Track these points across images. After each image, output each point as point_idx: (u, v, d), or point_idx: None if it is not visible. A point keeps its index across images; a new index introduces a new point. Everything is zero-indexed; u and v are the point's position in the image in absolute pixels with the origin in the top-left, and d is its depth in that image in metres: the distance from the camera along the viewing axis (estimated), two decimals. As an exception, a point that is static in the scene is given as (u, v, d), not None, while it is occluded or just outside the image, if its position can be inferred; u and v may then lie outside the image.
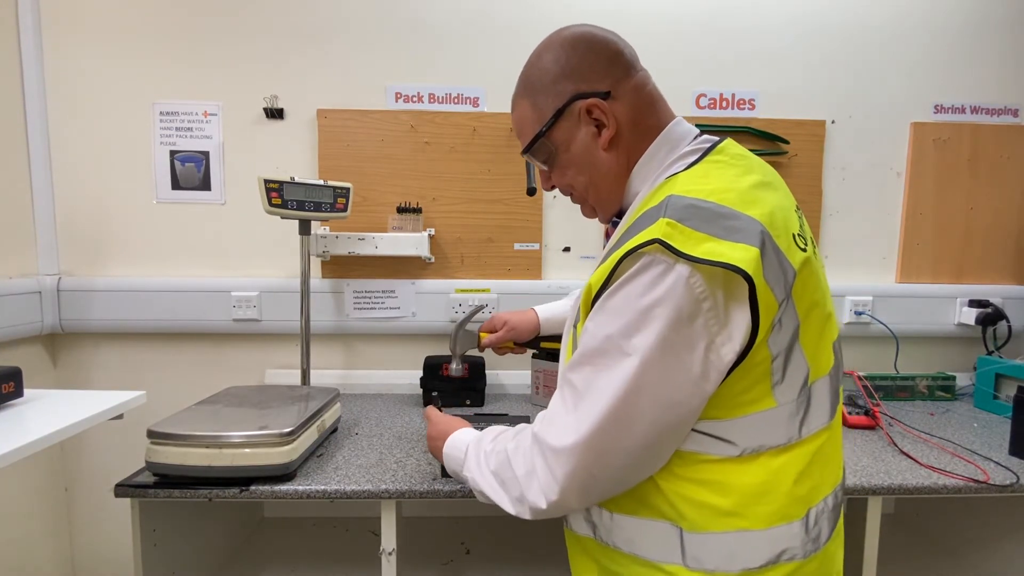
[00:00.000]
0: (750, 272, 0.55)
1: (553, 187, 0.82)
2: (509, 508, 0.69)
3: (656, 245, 0.56)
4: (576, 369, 0.63)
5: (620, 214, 0.77)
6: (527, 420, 1.24)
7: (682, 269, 0.56)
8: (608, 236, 0.80)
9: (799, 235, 0.64)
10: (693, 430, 0.62)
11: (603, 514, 0.69)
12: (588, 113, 0.72)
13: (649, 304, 0.57)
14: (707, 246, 0.56)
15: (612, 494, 0.66)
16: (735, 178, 0.64)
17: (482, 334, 1.19)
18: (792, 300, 0.60)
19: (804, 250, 0.62)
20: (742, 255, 0.55)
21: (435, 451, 0.88)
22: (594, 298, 0.62)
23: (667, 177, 0.68)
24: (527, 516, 0.67)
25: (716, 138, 0.72)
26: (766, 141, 1.56)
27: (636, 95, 0.72)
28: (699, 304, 0.56)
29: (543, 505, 0.64)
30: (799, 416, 0.63)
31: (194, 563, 1.13)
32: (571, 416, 0.62)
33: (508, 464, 0.69)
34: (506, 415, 1.30)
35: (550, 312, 1.21)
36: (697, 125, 1.68)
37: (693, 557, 0.63)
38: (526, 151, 0.77)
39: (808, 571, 0.64)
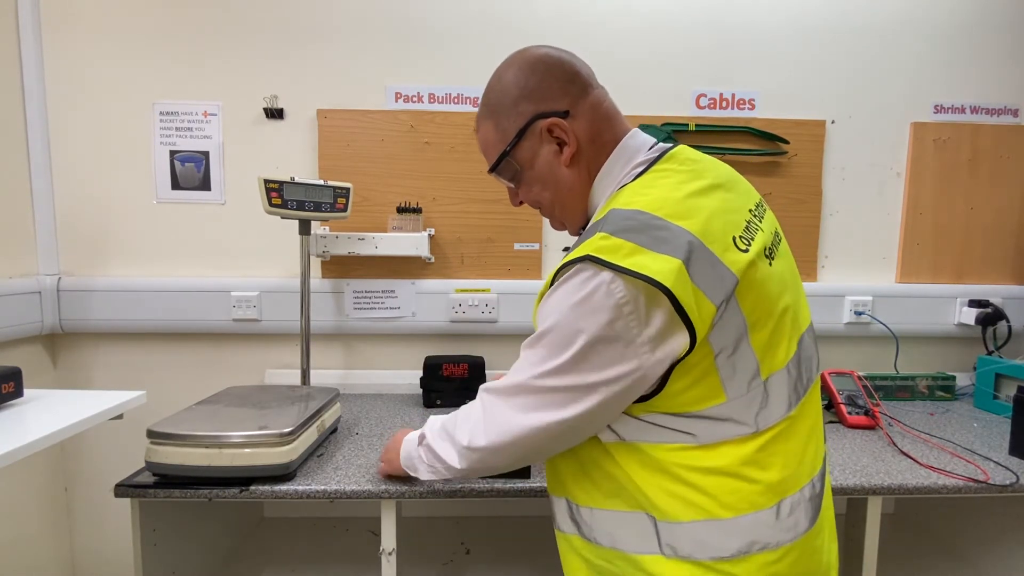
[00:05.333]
0: (668, 285, 0.58)
1: (521, 203, 0.85)
2: (453, 457, 0.74)
3: (586, 260, 0.61)
4: (520, 365, 0.69)
5: (586, 225, 0.80)
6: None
7: (605, 275, 0.60)
8: None
9: (741, 237, 0.65)
10: (653, 424, 0.65)
11: (582, 511, 0.72)
12: (549, 132, 0.74)
13: (575, 303, 0.62)
14: (635, 258, 0.60)
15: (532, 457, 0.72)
16: (676, 186, 0.67)
17: None
18: (736, 301, 0.62)
19: (746, 251, 0.64)
20: (662, 267, 0.59)
21: (390, 461, 0.92)
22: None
23: (617, 189, 0.72)
24: (459, 464, 0.73)
25: (669, 145, 0.75)
26: (766, 141, 1.56)
27: (594, 112, 0.75)
28: (620, 308, 0.60)
29: (464, 442, 0.72)
30: (754, 409, 0.65)
31: (194, 563, 1.13)
32: (503, 397, 0.69)
33: (454, 417, 0.77)
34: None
35: None
36: (697, 126, 1.68)
37: (668, 545, 0.65)
38: (492, 170, 0.80)
39: (787, 562, 0.65)
